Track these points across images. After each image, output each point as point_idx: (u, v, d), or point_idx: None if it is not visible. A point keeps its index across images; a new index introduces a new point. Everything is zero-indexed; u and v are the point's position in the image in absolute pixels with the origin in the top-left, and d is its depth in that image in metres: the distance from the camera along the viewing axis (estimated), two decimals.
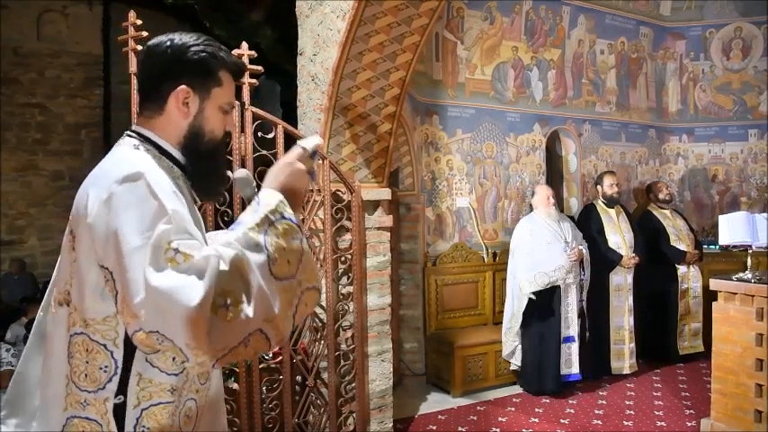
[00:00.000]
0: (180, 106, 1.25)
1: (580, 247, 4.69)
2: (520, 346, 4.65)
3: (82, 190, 1.15)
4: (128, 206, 1.06)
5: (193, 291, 0.97)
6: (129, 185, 1.08)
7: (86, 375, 1.13)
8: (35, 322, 1.31)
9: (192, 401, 1.25)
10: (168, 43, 1.25)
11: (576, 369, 4.62)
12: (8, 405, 1.27)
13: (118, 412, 1.13)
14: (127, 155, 1.19)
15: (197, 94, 1.26)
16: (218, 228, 2.85)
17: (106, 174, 1.13)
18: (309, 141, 1.27)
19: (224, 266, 1.00)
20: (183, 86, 1.24)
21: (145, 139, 1.25)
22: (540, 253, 4.53)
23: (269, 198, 1.13)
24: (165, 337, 0.99)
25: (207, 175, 1.32)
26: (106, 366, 1.12)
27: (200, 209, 2.99)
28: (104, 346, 1.12)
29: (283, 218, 1.11)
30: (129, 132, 1.28)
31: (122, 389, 1.13)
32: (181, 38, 1.25)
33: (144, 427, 1.14)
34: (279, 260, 1.07)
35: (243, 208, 1.41)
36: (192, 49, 1.24)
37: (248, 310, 1.01)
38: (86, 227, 1.09)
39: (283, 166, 1.21)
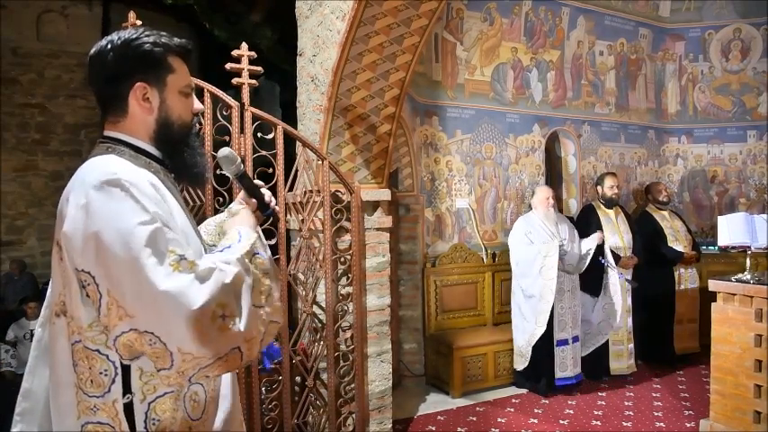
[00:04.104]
0: (141, 103, 1.25)
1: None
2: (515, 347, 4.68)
3: (62, 201, 1.16)
4: (107, 209, 1.07)
5: (197, 294, 1.03)
6: (106, 189, 1.08)
7: (92, 381, 1.14)
8: (35, 338, 1.32)
9: (199, 386, 1.25)
10: (109, 46, 1.24)
11: (570, 373, 4.63)
12: (22, 421, 1.28)
13: (128, 411, 1.14)
14: (101, 160, 1.19)
15: (154, 86, 1.26)
16: None
17: (83, 181, 1.13)
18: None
19: (227, 280, 1.08)
20: (138, 83, 1.24)
21: (117, 142, 1.25)
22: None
23: (250, 234, 1.25)
24: (158, 338, 1.03)
25: (186, 162, 1.33)
26: (105, 370, 1.13)
27: (199, 209, 2.98)
28: (98, 351, 1.13)
29: (259, 254, 1.22)
30: (100, 140, 1.28)
31: (128, 387, 1.14)
32: (120, 36, 1.25)
33: (154, 419, 1.16)
34: (255, 289, 1.16)
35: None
36: (134, 44, 1.24)
37: (240, 324, 1.08)
38: (65, 235, 1.10)
39: (250, 214, 1.39)
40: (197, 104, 1.37)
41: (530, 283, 4.53)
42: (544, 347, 4.53)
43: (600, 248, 4.69)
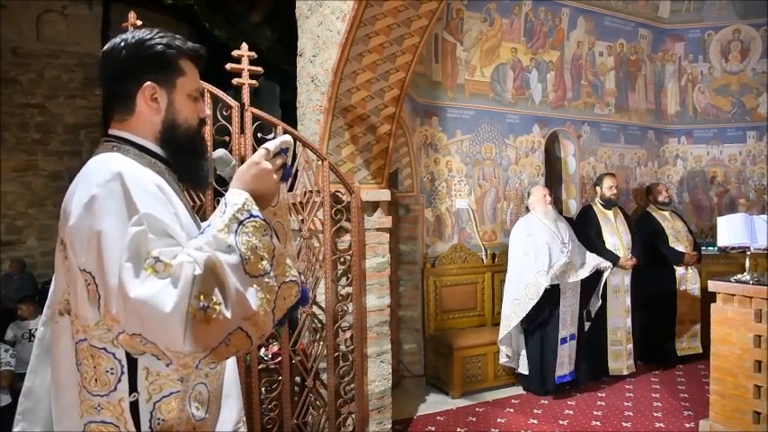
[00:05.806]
0: (149, 103, 1.25)
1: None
2: (524, 352, 4.68)
3: (66, 199, 1.16)
4: (106, 208, 1.07)
5: (167, 298, 0.99)
6: (108, 188, 1.08)
7: (96, 380, 1.14)
8: (37, 337, 1.31)
9: (203, 386, 1.25)
10: (123, 44, 1.24)
11: (565, 370, 4.62)
12: (23, 420, 1.28)
13: (133, 410, 1.14)
14: (105, 158, 1.19)
15: (163, 87, 1.26)
16: None
17: (87, 178, 1.13)
18: (274, 141, 1.26)
19: (198, 270, 1.01)
20: (147, 83, 1.24)
21: (122, 141, 1.25)
22: (540, 253, 4.54)
23: (235, 198, 1.13)
24: (147, 339, 1.02)
25: (190, 165, 1.33)
26: (111, 369, 1.13)
27: (199, 209, 2.99)
28: (104, 349, 1.13)
29: (251, 216, 1.12)
30: (105, 138, 1.28)
31: (134, 386, 1.14)
32: (134, 35, 1.25)
33: (159, 419, 1.16)
34: (252, 258, 1.08)
35: None
36: (147, 44, 1.24)
37: (226, 310, 1.02)
38: (69, 232, 1.10)
39: (248, 166, 1.20)
40: (205, 110, 1.37)
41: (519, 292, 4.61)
42: (549, 345, 4.53)
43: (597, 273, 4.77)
